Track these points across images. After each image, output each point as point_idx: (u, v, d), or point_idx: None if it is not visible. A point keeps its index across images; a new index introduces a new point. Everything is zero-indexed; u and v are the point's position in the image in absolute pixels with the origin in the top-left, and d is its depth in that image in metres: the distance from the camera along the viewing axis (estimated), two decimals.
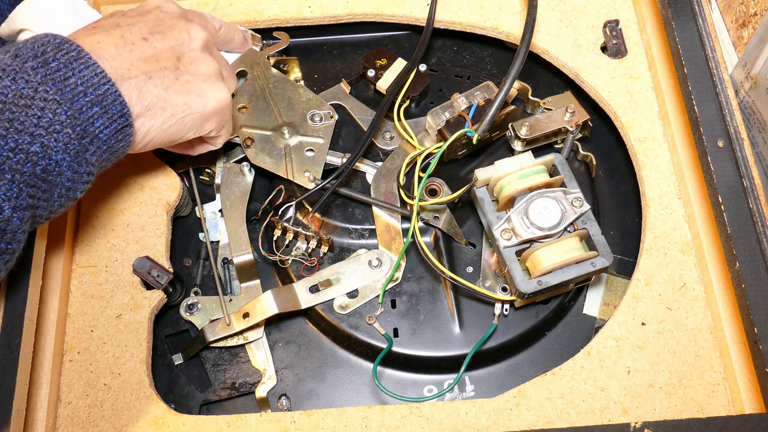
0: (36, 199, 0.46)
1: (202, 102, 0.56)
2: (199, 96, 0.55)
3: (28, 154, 0.45)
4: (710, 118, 0.60)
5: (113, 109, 0.49)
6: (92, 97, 0.48)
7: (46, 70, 0.47)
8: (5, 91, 0.45)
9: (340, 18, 0.74)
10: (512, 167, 0.60)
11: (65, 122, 0.47)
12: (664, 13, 0.66)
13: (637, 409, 0.55)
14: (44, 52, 0.48)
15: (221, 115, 0.58)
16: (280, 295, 0.63)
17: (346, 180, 0.67)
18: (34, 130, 0.45)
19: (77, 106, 0.47)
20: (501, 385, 0.62)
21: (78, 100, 0.47)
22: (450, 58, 0.78)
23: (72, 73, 0.48)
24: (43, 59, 0.47)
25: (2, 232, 0.44)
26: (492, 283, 0.63)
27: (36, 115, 0.45)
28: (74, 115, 0.47)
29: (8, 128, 0.44)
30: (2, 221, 0.44)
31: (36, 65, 0.47)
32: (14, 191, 0.44)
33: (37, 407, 0.55)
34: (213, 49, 0.60)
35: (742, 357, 0.56)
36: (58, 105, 0.46)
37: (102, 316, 0.60)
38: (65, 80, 0.47)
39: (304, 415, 0.56)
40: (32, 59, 0.47)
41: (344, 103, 0.72)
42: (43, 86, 0.46)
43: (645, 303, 0.59)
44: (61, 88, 0.47)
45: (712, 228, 0.60)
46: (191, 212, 0.70)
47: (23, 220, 0.45)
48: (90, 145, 0.49)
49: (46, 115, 0.46)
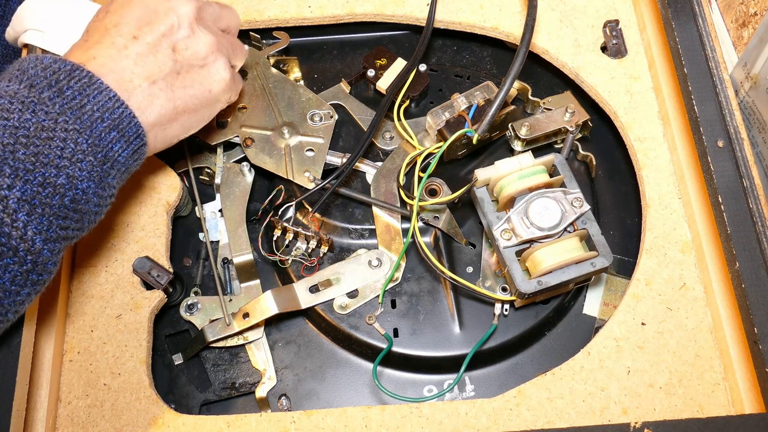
0: (68, 230, 0.47)
1: (206, 88, 0.56)
2: (201, 84, 0.56)
3: (56, 186, 0.45)
4: (710, 118, 0.60)
5: (129, 132, 0.50)
6: (109, 122, 0.49)
7: (63, 100, 0.47)
8: (27, 125, 0.45)
9: (340, 18, 0.74)
10: (512, 167, 0.60)
11: (87, 150, 0.47)
12: (664, 13, 0.66)
13: (637, 409, 0.55)
14: (58, 80, 0.48)
15: (228, 90, 0.58)
16: (280, 295, 0.63)
17: (346, 180, 0.67)
18: (58, 162, 0.46)
19: (96, 132, 0.48)
20: (501, 385, 0.62)
21: (96, 126, 0.48)
22: (450, 58, 0.78)
23: (87, 100, 0.48)
24: (58, 88, 0.48)
25: (34, 264, 0.45)
26: (492, 283, 0.63)
27: (59, 146, 0.46)
28: (94, 143, 0.48)
29: (35, 162, 0.45)
30: (33, 254, 0.44)
31: (52, 95, 0.47)
32: (44, 224, 0.45)
33: (37, 407, 0.55)
34: (203, 17, 0.57)
35: (742, 357, 0.56)
36: (79, 134, 0.47)
37: (102, 316, 0.60)
38: (82, 108, 0.48)
39: (304, 415, 0.56)
40: (47, 89, 0.47)
41: (344, 103, 0.72)
42: (63, 117, 0.47)
43: (645, 303, 0.59)
44: (79, 117, 0.47)
45: (712, 228, 0.60)
46: (191, 212, 0.70)
47: (54, 251, 0.46)
48: (111, 170, 0.50)
49: (69, 146, 0.46)
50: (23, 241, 0.44)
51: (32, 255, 0.44)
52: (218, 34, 0.58)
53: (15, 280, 0.44)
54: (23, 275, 0.44)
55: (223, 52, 0.57)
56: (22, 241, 0.44)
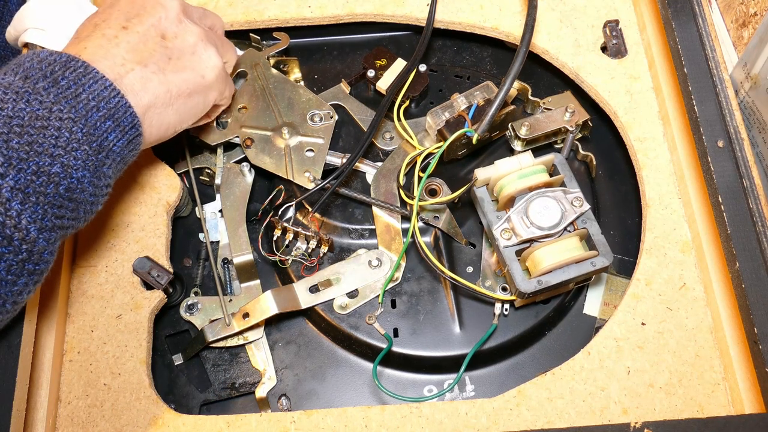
0: (63, 219, 0.47)
1: (199, 74, 0.56)
2: (193, 69, 0.56)
3: (50, 175, 0.45)
4: (710, 118, 0.60)
5: (125, 122, 0.50)
6: (105, 111, 0.49)
7: (57, 90, 0.47)
8: (22, 114, 0.45)
9: (340, 18, 0.74)
10: (512, 167, 0.60)
11: (82, 139, 0.47)
12: (664, 13, 0.66)
13: (637, 409, 0.55)
14: (53, 71, 0.48)
15: (220, 79, 0.59)
16: (280, 295, 0.63)
17: (346, 180, 0.67)
18: (53, 150, 0.46)
19: (91, 122, 0.48)
20: (501, 385, 0.62)
21: (92, 115, 0.48)
22: (450, 58, 0.78)
23: (83, 89, 0.48)
24: (53, 78, 0.48)
25: (29, 253, 0.45)
26: (492, 282, 0.63)
27: (53, 135, 0.46)
28: (89, 132, 0.48)
29: (29, 151, 0.44)
30: (28, 243, 0.44)
31: (47, 85, 0.47)
32: (39, 213, 0.45)
33: (37, 407, 0.55)
34: (190, 12, 0.59)
35: (742, 357, 0.56)
36: (74, 123, 0.47)
37: (102, 316, 0.60)
38: (77, 97, 0.48)
39: (304, 415, 0.56)
40: (42, 80, 0.47)
41: (344, 104, 0.72)
42: (57, 105, 0.47)
43: (645, 303, 0.59)
44: (74, 106, 0.48)
45: (712, 228, 0.60)
46: (191, 212, 0.70)
47: (50, 241, 0.46)
48: (106, 159, 0.50)
49: (63, 135, 0.46)
50: (17, 230, 0.43)
51: (27, 244, 0.44)
52: (205, 28, 0.59)
53: (11, 269, 0.44)
54: (19, 265, 0.44)
55: (211, 42, 0.58)
56: (17, 230, 0.43)
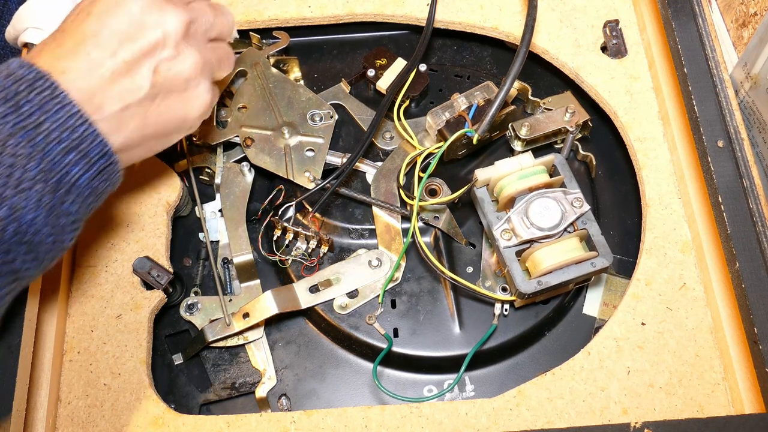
0: (16, 263, 0.43)
1: (182, 115, 0.52)
2: (177, 112, 0.52)
3: None
4: (710, 118, 0.60)
5: (92, 152, 0.46)
6: (67, 143, 0.44)
7: (17, 117, 0.43)
8: None
9: (340, 18, 0.74)
10: (512, 167, 0.60)
11: (36, 177, 0.43)
12: (664, 13, 0.66)
13: (637, 409, 0.55)
14: (17, 92, 0.44)
15: (204, 115, 0.55)
16: (280, 295, 0.63)
17: (346, 180, 0.67)
18: (1, 191, 0.41)
19: (50, 156, 0.44)
20: (501, 385, 0.62)
21: (51, 148, 0.44)
22: (450, 58, 0.78)
23: (46, 117, 0.44)
24: (15, 102, 0.43)
25: None
26: (492, 283, 0.63)
27: (4, 174, 0.42)
28: (46, 168, 0.43)
29: None
30: None
31: (7, 111, 0.43)
32: None
33: (37, 407, 0.55)
34: (194, 30, 0.52)
35: (742, 357, 0.56)
36: (29, 159, 0.43)
37: (102, 316, 0.60)
38: (37, 128, 0.43)
39: (304, 415, 0.56)
40: (3, 103, 0.43)
41: (344, 103, 0.72)
42: (13, 138, 0.43)
43: (645, 303, 0.59)
44: (32, 138, 0.43)
45: (712, 228, 0.60)
46: (191, 212, 0.70)
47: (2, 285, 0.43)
48: (67, 195, 0.45)
49: (15, 174, 0.42)
50: None
51: None
52: (206, 49, 0.54)
53: None
54: None
55: (207, 73, 0.53)
56: None
